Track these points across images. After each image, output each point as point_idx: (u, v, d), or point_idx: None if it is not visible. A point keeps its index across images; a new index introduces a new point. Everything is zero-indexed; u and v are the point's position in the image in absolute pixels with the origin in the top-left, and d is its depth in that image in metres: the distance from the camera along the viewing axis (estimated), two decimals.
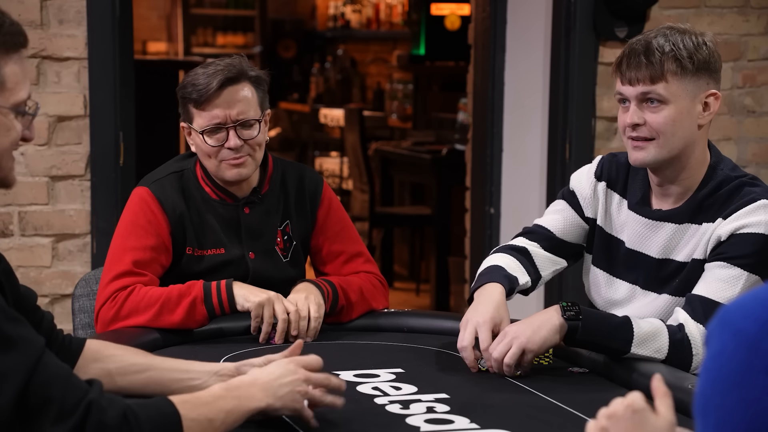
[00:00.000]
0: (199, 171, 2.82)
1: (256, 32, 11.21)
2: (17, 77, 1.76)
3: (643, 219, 2.56)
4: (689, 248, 2.50)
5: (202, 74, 2.71)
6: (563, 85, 4.56)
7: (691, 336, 2.36)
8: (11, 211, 4.02)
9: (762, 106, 4.76)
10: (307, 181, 2.88)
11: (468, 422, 2.04)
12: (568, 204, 2.70)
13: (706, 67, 2.44)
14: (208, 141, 2.71)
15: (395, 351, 2.59)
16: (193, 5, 11.14)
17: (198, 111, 2.71)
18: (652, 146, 2.45)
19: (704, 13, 4.66)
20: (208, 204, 2.80)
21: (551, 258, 2.69)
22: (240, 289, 2.66)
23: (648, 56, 2.41)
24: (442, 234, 7.02)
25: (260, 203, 2.83)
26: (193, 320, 2.65)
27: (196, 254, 2.78)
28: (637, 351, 2.34)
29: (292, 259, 2.86)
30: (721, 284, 2.39)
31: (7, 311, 1.65)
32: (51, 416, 1.61)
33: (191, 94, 2.71)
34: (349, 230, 2.92)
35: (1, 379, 1.60)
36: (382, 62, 10.45)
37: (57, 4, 4.03)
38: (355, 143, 7.68)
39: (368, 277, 2.87)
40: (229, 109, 2.70)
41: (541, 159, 4.74)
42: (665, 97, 2.42)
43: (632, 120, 2.44)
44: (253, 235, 2.82)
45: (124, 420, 1.64)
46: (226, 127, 2.70)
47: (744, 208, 2.41)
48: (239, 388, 1.89)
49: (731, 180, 2.48)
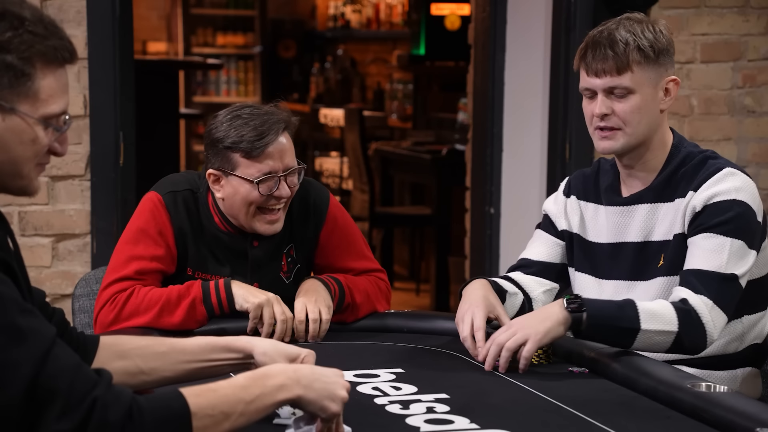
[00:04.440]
0: (210, 200, 2.78)
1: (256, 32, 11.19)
2: (53, 90, 1.75)
3: (617, 208, 2.64)
4: (666, 226, 2.56)
5: (248, 124, 2.67)
6: (563, 85, 4.56)
7: (697, 308, 2.41)
8: (11, 211, 4.02)
9: (762, 106, 4.76)
10: (312, 200, 2.85)
11: (468, 422, 2.04)
12: (542, 229, 2.80)
13: (665, 54, 2.56)
14: (261, 189, 2.68)
15: (395, 351, 2.59)
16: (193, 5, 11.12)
17: (249, 161, 2.68)
18: (619, 135, 2.55)
19: (704, 13, 4.66)
20: (216, 234, 2.78)
21: (536, 280, 2.76)
22: (239, 288, 2.66)
23: (613, 47, 2.51)
24: (442, 234, 7.02)
25: (269, 237, 2.79)
26: (192, 321, 2.65)
27: (197, 276, 2.77)
28: (648, 326, 2.37)
29: (294, 279, 2.85)
30: (708, 254, 2.46)
31: (20, 303, 1.65)
32: (57, 410, 1.60)
33: (239, 145, 2.66)
34: (355, 245, 2.89)
35: (12, 370, 1.60)
36: (382, 62, 10.44)
37: (57, 4, 4.03)
38: (355, 143, 7.68)
39: (374, 279, 2.87)
40: (281, 159, 2.69)
41: (541, 159, 4.74)
42: (631, 87, 2.52)
43: (601, 110, 2.54)
44: (260, 267, 2.81)
45: (128, 416, 1.64)
46: (278, 177, 2.69)
47: (711, 177, 2.51)
48: (266, 377, 1.80)
49: (695, 155, 2.59)
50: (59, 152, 1.81)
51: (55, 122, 1.77)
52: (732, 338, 2.58)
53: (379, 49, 10.70)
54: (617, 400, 2.21)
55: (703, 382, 2.18)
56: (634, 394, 2.25)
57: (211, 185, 2.74)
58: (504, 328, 2.41)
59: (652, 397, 2.21)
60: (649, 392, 2.22)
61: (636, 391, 2.25)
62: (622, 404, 2.18)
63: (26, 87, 1.72)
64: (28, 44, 1.72)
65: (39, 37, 1.73)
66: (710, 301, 2.42)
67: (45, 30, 1.74)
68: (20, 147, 1.75)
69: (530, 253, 2.79)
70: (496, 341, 2.38)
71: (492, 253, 4.83)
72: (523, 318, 2.42)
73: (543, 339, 2.37)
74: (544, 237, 2.79)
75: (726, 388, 2.14)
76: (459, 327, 2.50)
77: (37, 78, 1.73)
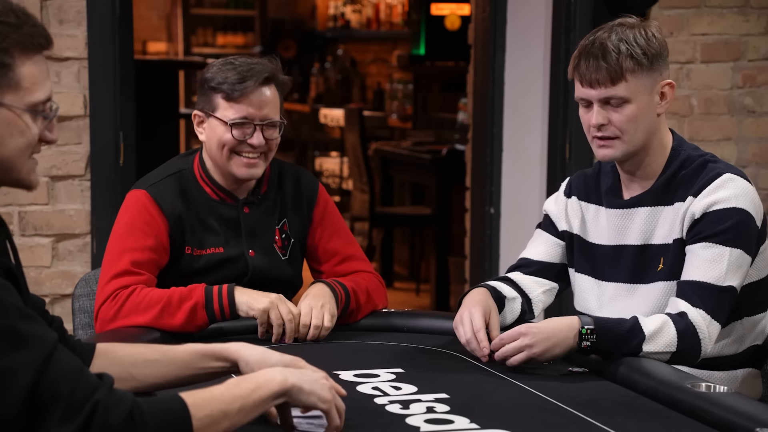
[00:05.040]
0: (197, 171, 2.84)
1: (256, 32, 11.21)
2: (35, 78, 1.76)
3: (617, 211, 2.64)
4: (665, 229, 2.56)
5: (235, 69, 2.75)
6: (563, 85, 4.56)
7: (695, 322, 2.42)
8: (11, 211, 4.02)
9: (762, 106, 4.76)
10: (304, 182, 2.93)
11: (468, 422, 2.04)
12: (542, 229, 2.80)
13: (659, 59, 2.54)
14: (234, 133, 2.74)
15: (395, 351, 2.59)
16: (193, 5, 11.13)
17: (228, 103, 2.75)
18: (618, 143, 2.55)
19: (704, 13, 4.66)
20: (208, 204, 2.82)
21: (536, 280, 2.76)
22: (242, 295, 2.66)
23: (605, 58, 2.49)
24: (442, 234, 7.02)
25: (259, 203, 2.86)
26: (193, 325, 2.65)
27: (195, 254, 2.79)
28: (649, 349, 2.39)
29: (290, 257, 2.88)
30: (707, 264, 2.46)
31: (21, 308, 1.65)
32: (58, 414, 1.61)
33: (221, 86, 2.75)
34: (345, 232, 2.97)
35: (12, 376, 1.60)
36: (382, 62, 10.45)
37: (57, 4, 4.03)
38: (355, 143, 7.68)
39: (370, 277, 2.89)
40: (260, 108, 2.76)
41: (541, 159, 4.74)
42: (627, 97, 2.51)
43: (598, 121, 2.54)
44: (253, 234, 2.84)
45: (129, 419, 1.64)
46: (254, 124, 2.75)
47: (711, 184, 2.50)
48: (257, 373, 1.86)
49: (694, 159, 2.58)
50: (50, 139, 1.81)
51: (42, 109, 1.78)
52: (732, 339, 2.58)
53: (379, 49, 10.71)
54: (617, 400, 2.21)
55: (703, 382, 2.18)
56: (634, 394, 2.25)
57: (196, 127, 2.83)
58: (514, 335, 2.39)
59: (652, 397, 2.21)
60: (649, 392, 2.22)
61: (636, 391, 2.25)
62: (622, 404, 2.18)
63: (8, 78, 1.73)
64: (3, 35, 1.72)
65: (12, 27, 1.73)
66: (708, 316, 2.43)
67: (17, 19, 1.75)
68: (12, 139, 1.75)
69: (530, 253, 2.79)
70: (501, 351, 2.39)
71: (492, 253, 4.83)
72: (538, 334, 2.38)
73: (542, 359, 2.39)
74: (544, 237, 2.79)
75: (726, 389, 2.14)
76: (458, 330, 2.50)
77: (17, 67, 1.74)
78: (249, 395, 1.79)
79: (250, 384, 1.81)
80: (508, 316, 2.68)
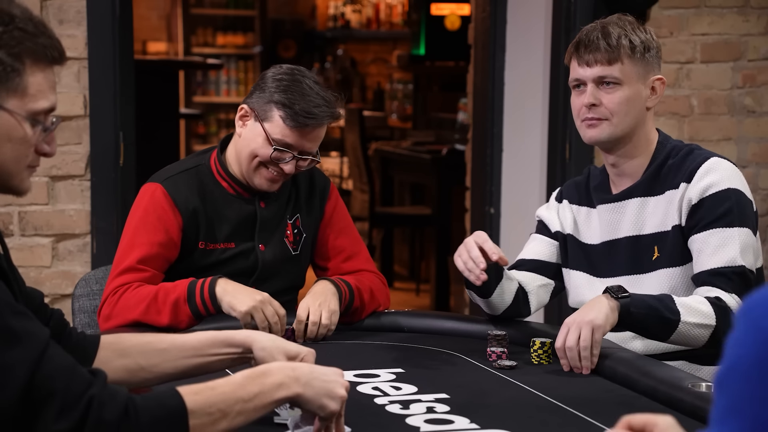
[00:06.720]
0: (214, 166, 2.84)
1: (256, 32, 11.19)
2: (41, 87, 1.75)
3: (608, 206, 2.69)
4: (658, 218, 2.60)
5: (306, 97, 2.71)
6: (563, 85, 4.56)
7: (732, 306, 2.45)
8: (11, 211, 4.02)
9: (762, 106, 4.76)
10: (317, 179, 2.94)
11: (468, 422, 2.04)
12: (537, 233, 2.85)
13: (654, 54, 2.63)
14: (273, 155, 2.73)
15: (395, 351, 2.60)
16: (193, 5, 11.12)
17: (283, 125, 2.72)
18: (605, 125, 2.61)
19: (704, 13, 4.66)
20: (225, 198, 2.82)
21: (532, 276, 2.79)
22: (225, 293, 2.62)
23: (606, 39, 2.59)
24: (442, 234, 7.02)
25: (275, 198, 2.86)
26: (179, 320, 2.63)
27: (208, 248, 2.79)
28: (688, 318, 2.41)
29: (301, 253, 2.88)
30: (721, 249, 2.50)
31: (12, 305, 1.65)
32: (54, 410, 1.61)
33: (285, 108, 2.70)
34: (352, 230, 2.98)
35: (8, 372, 1.60)
36: (382, 62, 10.45)
37: (57, 4, 4.03)
38: (355, 143, 7.68)
39: (373, 277, 2.90)
40: (309, 143, 2.75)
41: (541, 159, 4.74)
42: (620, 79, 2.59)
43: (589, 100, 2.60)
44: (267, 228, 2.85)
45: (124, 414, 1.64)
46: (293, 154, 2.73)
47: (700, 167, 2.56)
48: (264, 375, 1.79)
49: (681, 148, 2.65)
50: (48, 152, 1.80)
51: (43, 120, 1.77)
52: None
53: (379, 49, 10.71)
54: (617, 400, 2.21)
55: (704, 382, 2.18)
56: (634, 394, 2.25)
57: (238, 118, 2.79)
58: (563, 331, 2.39)
59: (652, 397, 2.21)
60: (649, 392, 2.22)
61: (636, 391, 2.25)
62: (622, 404, 2.18)
63: (15, 83, 1.72)
64: (17, 40, 1.72)
65: (29, 35, 1.73)
66: (738, 299, 2.47)
67: (35, 28, 1.74)
68: (9, 145, 1.75)
69: (525, 253, 2.83)
70: (568, 347, 2.37)
71: None
72: (576, 315, 2.40)
73: (605, 326, 2.37)
74: (538, 238, 2.83)
75: None
76: (457, 262, 2.54)
77: (26, 74, 1.73)
78: (252, 399, 1.75)
79: (255, 388, 1.76)
80: (506, 294, 2.69)
